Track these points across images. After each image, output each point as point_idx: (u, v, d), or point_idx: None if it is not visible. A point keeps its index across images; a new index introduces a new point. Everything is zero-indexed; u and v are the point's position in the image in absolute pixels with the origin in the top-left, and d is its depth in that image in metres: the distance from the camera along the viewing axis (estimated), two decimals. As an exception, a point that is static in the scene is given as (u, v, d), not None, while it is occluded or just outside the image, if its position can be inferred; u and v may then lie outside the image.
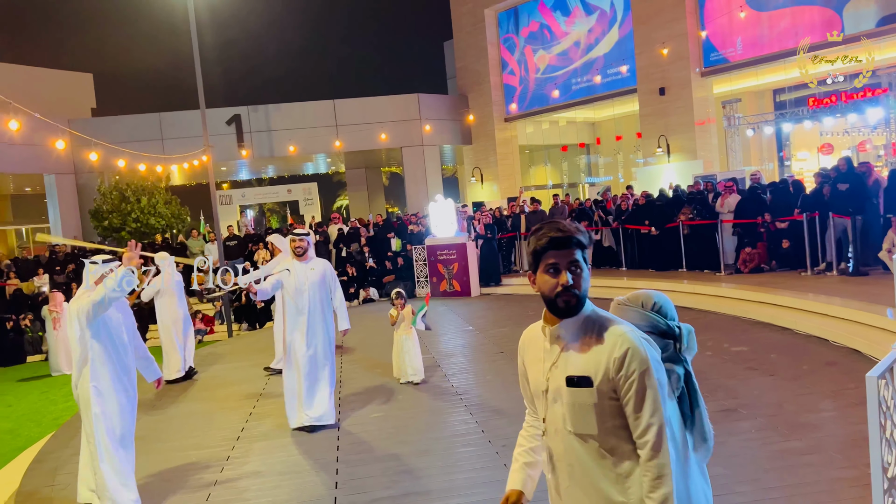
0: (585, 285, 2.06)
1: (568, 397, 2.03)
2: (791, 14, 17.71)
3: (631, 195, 15.33)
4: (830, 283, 10.06)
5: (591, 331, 2.05)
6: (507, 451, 5.34)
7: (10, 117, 14.19)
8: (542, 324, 2.14)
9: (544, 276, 2.05)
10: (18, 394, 9.88)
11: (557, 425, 2.08)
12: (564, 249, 2.03)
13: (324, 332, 6.34)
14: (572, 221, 2.12)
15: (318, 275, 6.34)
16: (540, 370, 2.14)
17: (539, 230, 2.09)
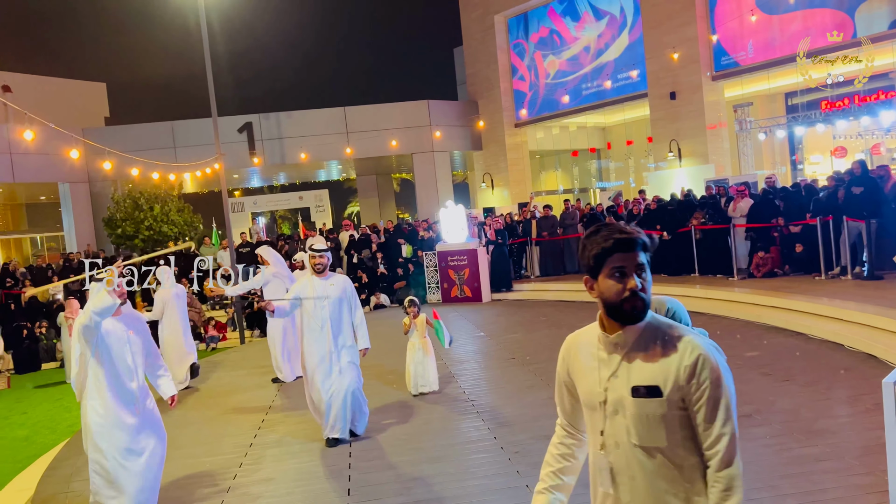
0: (650, 289, 1.96)
1: (633, 408, 1.92)
2: (802, 17, 17.62)
3: (643, 200, 15.27)
4: (845, 288, 9.97)
5: (655, 338, 1.95)
6: (520, 457, 5.33)
7: (25, 127, 14.35)
8: (598, 331, 2.04)
9: (608, 281, 1.95)
10: (33, 401, 9.95)
11: (619, 438, 1.97)
12: (631, 252, 1.94)
13: (345, 351, 6.07)
14: (629, 224, 2.04)
15: (337, 290, 6.07)
16: (594, 380, 2.02)
17: (597, 233, 1.99)
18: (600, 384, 2.00)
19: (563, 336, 7.53)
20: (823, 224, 10.90)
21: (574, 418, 2.21)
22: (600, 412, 2.00)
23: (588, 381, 2.05)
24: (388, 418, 6.77)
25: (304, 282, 6.16)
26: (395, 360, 9.50)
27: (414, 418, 6.73)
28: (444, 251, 14.89)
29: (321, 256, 6.08)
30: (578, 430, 2.22)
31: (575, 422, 2.22)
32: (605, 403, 1.98)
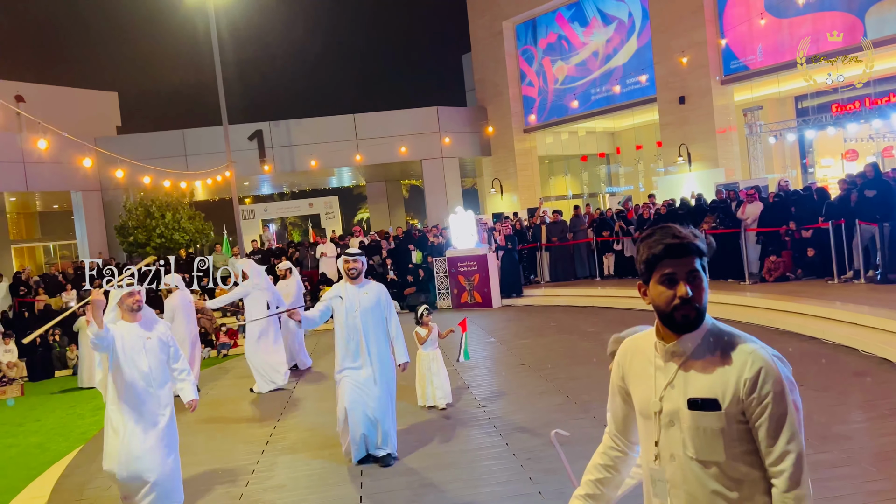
0: (705, 297, 1.87)
1: (690, 421, 1.83)
2: (812, 20, 17.55)
3: (653, 204, 15.23)
4: (858, 292, 9.90)
5: (714, 347, 1.86)
6: (532, 464, 5.32)
7: (39, 137, 14.48)
8: (655, 338, 1.94)
9: (659, 288, 1.87)
10: (47, 408, 10.02)
11: (675, 450, 1.88)
12: (682, 258, 1.84)
13: (379, 363, 5.66)
14: (687, 226, 1.91)
15: (371, 299, 5.68)
16: (650, 389, 1.93)
17: (651, 236, 1.90)
18: (656, 393, 1.91)
19: (573, 341, 7.56)
20: (836, 227, 10.83)
21: (625, 428, 2.12)
22: (655, 422, 1.92)
23: (643, 389, 1.96)
24: (399, 424, 6.76)
25: (337, 289, 5.79)
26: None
27: (425, 425, 6.72)
28: (454, 257, 14.90)
29: (355, 261, 5.71)
30: (628, 440, 2.14)
31: (625, 432, 2.13)
32: (661, 414, 1.90)
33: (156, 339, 4.94)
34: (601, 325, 11.05)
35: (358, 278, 5.73)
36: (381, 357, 5.69)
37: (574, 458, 5.29)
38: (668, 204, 14.67)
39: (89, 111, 25.11)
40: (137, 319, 4.93)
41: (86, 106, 25.28)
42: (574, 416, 6.46)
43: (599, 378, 7.69)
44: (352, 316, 5.63)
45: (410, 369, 7.08)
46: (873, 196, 10.45)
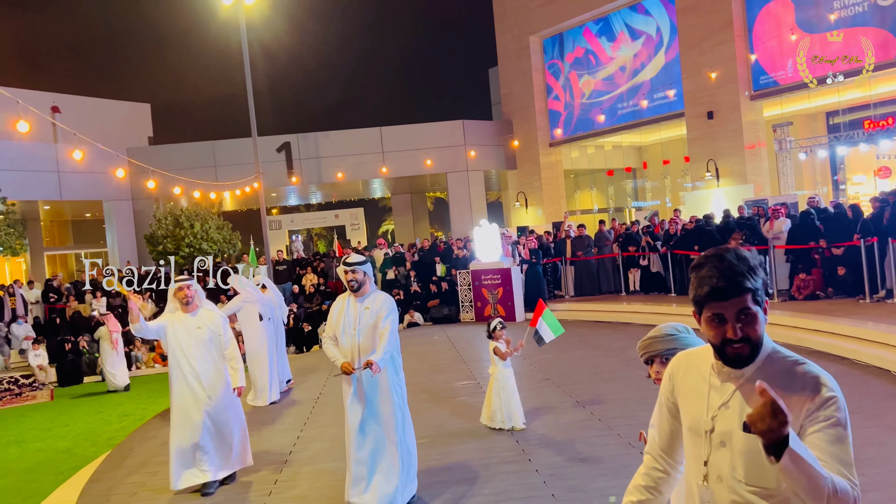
0: (760, 330, 1.79)
1: (743, 444, 1.79)
2: (844, 35, 17.34)
3: (678, 219, 15.10)
4: (891, 311, 9.69)
5: (776, 372, 1.80)
6: (555, 480, 5.27)
7: (73, 147, 14.82)
8: (713, 357, 1.88)
9: (708, 325, 1.83)
10: (75, 414, 10.18)
11: (723, 472, 1.84)
12: (730, 300, 1.77)
13: (378, 389, 4.93)
14: (743, 253, 1.81)
15: (372, 315, 4.93)
16: (702, 406, 1.89)
17: (700, 268, 1.83)
18: (708, 412, 1.87)
19: (597, 357, 7.51)
20: (868, 246, 10.64)
21: (670, 445, 2.06)
22: (706, 441, 1.87)
23: (695, 405, 1.91)
24: (420, 438, 6.75)
25: (339, 303, 5.11)
26: (427, 377, 9.51)
27: (448, 438, 6.70)
28: (478, 270, 14.89)
29: (354, 272, 4.98)
30: (673, 459, 2.07)
31: (670, 450, 2.07)
32: (712, 433, 1.85)
33: (206, 329, 5.64)
34: (626, 341, 10.94)
35: (359, 291, 5.00)
36: (384, 383, 4.91)
37: (595, 476, 5.26)
38: (696, 220, 14.53)
39: (122, 122, 25.66)
40: (191, 311, 5.69)
41: (119, 117, 25.84)
42: (598, 432, 6.40)
43: (624, 395, 7.61)
44: (349, 334, 4.95)
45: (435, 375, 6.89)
46: (907, 214, 10.26)
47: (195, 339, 5.60)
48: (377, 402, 4.91)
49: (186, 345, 5.58)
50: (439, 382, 9.20)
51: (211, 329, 5.66)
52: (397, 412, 4.92)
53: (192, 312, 5.69)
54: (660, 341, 2.49)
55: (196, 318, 5.67)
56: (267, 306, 9.47)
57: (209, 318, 5.72)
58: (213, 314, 5.77)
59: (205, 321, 5.67)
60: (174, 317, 5.69)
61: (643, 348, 2.54)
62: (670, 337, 2.48)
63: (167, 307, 5.95)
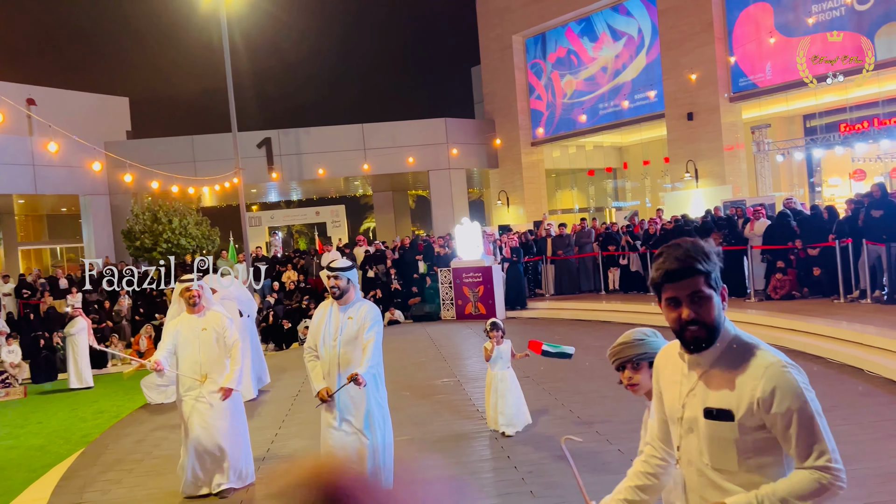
0: (715, 313, 1.87)
1: (705, 430, 1.88)
2: (821, 39, 17.58)
3: (659, 219, 15.22)
4: (865, 311, 9.84)
5: (734, 359, 1.88)
6: (534, 477, 5.29)
7: (49, 140, 14.59)
8: (679, 349, 1.98)
9: (665, 310, 1.92)
10: (49, 411, 10.03)
11: (692, 456, 1.93)
12: (683, 280, 1.86)
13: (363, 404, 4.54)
14: (699, 242, 1.91)
15: (354, 326, 4.58)
16: (676, 395, 1.98)
17: (658, 257, 1.93)
18: (680, 399, 1.97)
19: (577, 355, 7.46)
20: (843, 247, 10.80)
21: (665, 435, 2.13)
22: (677, 427, 1.98)
23: (671, 394, 2.02)
24: (400, 435, 6.73)
25: (321, 310, 4.78)
26: (410, 374, 9.50)
27: (427, 436, 6.70)
28: (459, 268, 14.90)
29: (336, 278, 4.61)
30: (669, 448, 2.14)
31: (666, 439, 2.14)
32: (682, 420, 1.96)
33: (211, 331, 5.40)
34: (606, 340, 10.95)
35: (342, 298, 4.64)
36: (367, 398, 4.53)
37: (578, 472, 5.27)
38: (676, 220, 14.66)
39: (100, 116, 25.32)
40: (197, 311, 5.48)
41: (96, 110, 25.49)
42: (577, 430, 6.42)
43: (603, 393, 7.66)
44: (329, 344, 4.60)
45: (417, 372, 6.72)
46: (880, 216, 10.42)
47: (201, 342, 5.37)
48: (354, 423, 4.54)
49: (191, 348, 5.36)
50: (420, 380, 9.19)
51: (217, 331, 5.41)
52: (380, 435, 4.57)
53: (198, 314, 5.47)
54: (629, 347, 2.54)
55: (202, 320, 5.44)
56: (246, 303, 9.40)
57: (215, 319, 5.47)
58: (219, 315, 5.52)
59: (211, 323, 5.43)
60: (179, 320, 5.48)
61: (614, 355, 2.58)
62: (639, 342, 2.53)
63: (171, 310, 5.77)
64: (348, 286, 4.66)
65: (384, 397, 4.70)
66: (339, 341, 4.56)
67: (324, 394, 4.47)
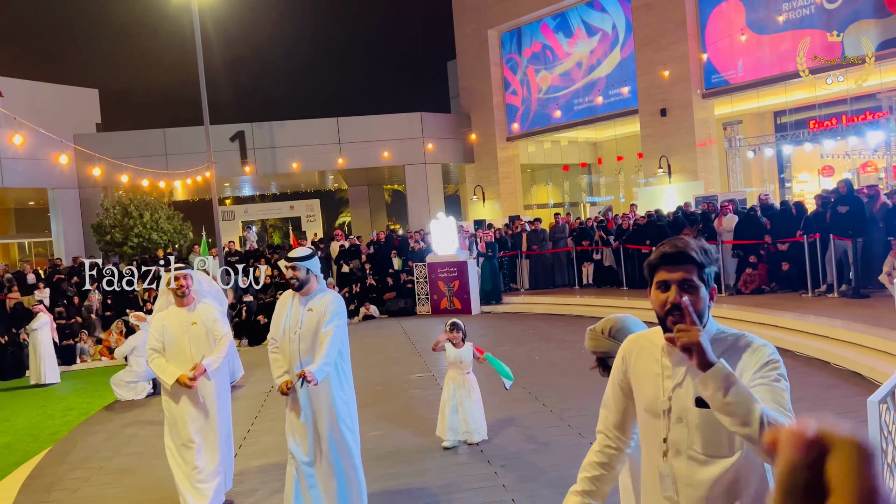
0: (702, 304, 1.92)
1: (698, 419, 1.92)
2: (791, 37, 17.85)
3: (633, 214, 15.37)
4: (831, 305, 10.05)
5: (720, 348, 1.93)
6: (506, 471, 5.32)
7: (14, 132, 14.27)
8: (663, 340, 1.99)
9: (654, 293, 1.98)
10: (16, 408, 9.84)
11: (681, 446, 1.96)
12: (676, 265, 1.93)
13: (327, 403, 4.35)
14: (702, 242, 2.00)
15: (315, 318, 4.37)
16: (657, 388, 2.01)
17: (659, 246, 2.01)
18: (664, 392, 1.99)
19: (551, 349, 7.56)
20: (811, 242, 11.00)
21: (623, 423, 2.17)
22: (664, 420, 1.99)
23: (649, 387, 2.03)
24: (373, 430, 6.74)
25: (282, 302, 4.60)
26: (383, 371, 9.49)
27: (399, 431, 6.70)
28: (435, 263, 14.90)
29: (295, 268, 4.41)
30: (624, 436, 2.18)
31: (622, 427, 2.18)
32: (670, 412, 1.97)
33: (201, 325, 4.97)
34: (579, 334, 11.03)
35: (302, 289, 4.45)
36: (331, 396, 4.35)
37: (546, 466, 5.32)
38: (649, 215, 14.81)
39: (68, 108, 24.80)
40: (186, 304, 5.02)
41: (65, 102, 24.96)
42: (550, 423, 6.47)
43: (577, 387, 7.73)
44: (290, 338, 4.41)
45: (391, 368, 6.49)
46: (846, 212, 10.63)
47: (190, 337, 4.91)
48: (320, 423, 4.36)
49: (179, 342, 4.89)
50: (394, 375, 9.19)
51: (206, 325, 4.98)
52: (345, 433, 4.38)
53: (188, 306, 5.01)
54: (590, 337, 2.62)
55: (192, 314, 4.99)
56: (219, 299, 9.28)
57: (206, 312, 5.03)
58: (209, 308, 5.08)
59: (200, 317, 4.99)
60: (165, 314, 5.03)
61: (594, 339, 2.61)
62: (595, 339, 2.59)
63: (157, 304, 5.34)
64: (308, 276, 4.42)
65: (350, 393, 4.49)
66: (299, 335, 4.37)
67: (284, 387, 4.32)
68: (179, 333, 4.91)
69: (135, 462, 6.49)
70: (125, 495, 5.61)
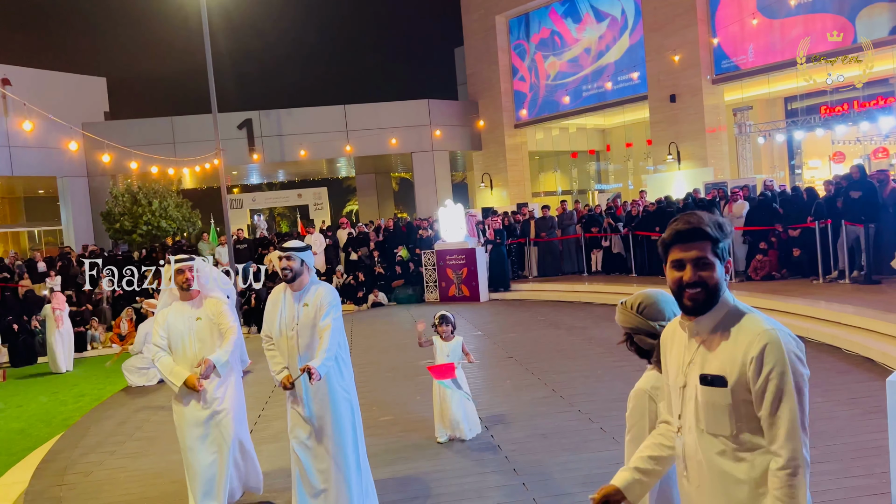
0: (718, 279, 1.92)
1: (702, 396, 1.94)
2: (803, 22, 17.65)
3: (642, 201, 15.29)
4: (843, 291, 9.98)
5: (730, 326, 1.93)
6: (517, 455, 5.32)
7: (24, 119, 14.31)
8: (680, 318, 2.04)
9: (670, 271, 1.98)
10: (29, 394, 9.92)
11: (690, 423, 1.99)
12: (690, 243, 1.93)
13: (328, 394, 4.27)
14: (715, 216, 1.98)
15: (311, 312, 4.26)
16: (678, 364, 2.04)
17: (673, 222, 2.00)
18: (682, 369, 2.02)
19: (560, 336, 7.56)
20: (822, 228, 10.91)
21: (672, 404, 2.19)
22: (679, 396, 2.03)
23: (674, 364, 2.07)
24: (385, 415, 6.76)
25: (274, 297, 4.44)
26: (393, 356, 9.52)
27: (410, 416, 6.72)
28: (443, 250, 14.88)
29: (289, 258, 4.26)
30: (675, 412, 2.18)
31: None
32: (685, 388, 2.00)
33: (206, 319, 4.62)
34: (588, 321, 11.08)
35: (295, 282, 4.30)
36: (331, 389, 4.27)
37: (556, 451, 5.32)
38: (658, 202, 14.73)
39: (77, 96, 24.80)
40: (191, 298, 4.67)
41: (73, 91, 24.96)
42: (560, 408, 6.47)
43: (585, 372, 7.72)
44: (287, 335, 4.30)
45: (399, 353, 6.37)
46: (858, 197, 10.53)
47: (195, 333, 4.59)
48: (322, 414, 4.28)
49: (185, 339, 4.57)
50: (403, 361, 9.20)
51: (212, 320, 4.63)
52: (345, 425, 4.30)
53: (193, 301, 4.66)
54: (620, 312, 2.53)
55: (197, 310, 4.64)
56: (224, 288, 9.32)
57: (212, 306, 4.68)
58: (217, 302, 4.73)
59: (207, 311, 4.65)
60: (169, 310, 4.68)
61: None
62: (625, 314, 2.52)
63: (161, 300, 5.10)
64: (301, 268, 4.28)
65: (350, 383, 4.41)
66: (296, 332, 4.27)
67: (287, 382, 4.23)
68: (183, 330, 4.59)
69: (147, 446, 6.53)
70: (138, 478, 5.65)
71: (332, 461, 4.27)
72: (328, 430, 4.28)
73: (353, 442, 4.33)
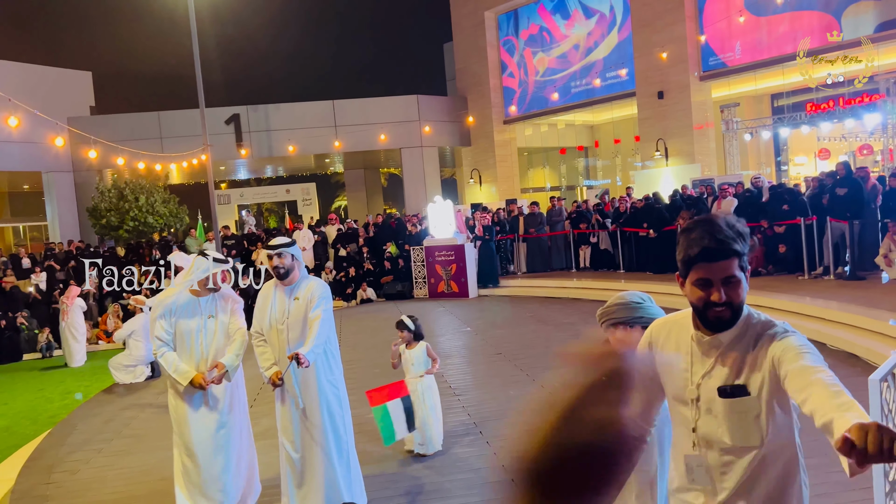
0: (743, 295, 1.84)
1: (724, 408, 1.87)
2: (790, 19, 17.76)
3: (629, 198, 15.36)
4: (828, 288, 10.08)
5: (748, 336, 1.87)
6: (506, 452, 5.35)
7: (8, 114, 14.16)
8: (692, 328, 1.93)
9: (693, 288, 1.84)
10: (14, 391, 9.84)
11: (711, 437, 1.91)
12: (718, 262, 1.79)
13: (316, 389, 4.28)
14: (732, 220, 1.84)
15: (302, 307, 4.28)
16: (685, 376, 1.95)
17: (691, 231, 1.84)
18: (692, 381, 1.92)
19: (548, 332, 7.59)
20: (807, 224, 11.01)
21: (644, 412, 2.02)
22: (693, 409, 1.94)
23: (678, 375, 1.96)
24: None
25: (265, 293, 4.44)
26: (381, 352, 9.51)
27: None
28: (432, 246, 14.89)
29: (280, 255, 4.27)
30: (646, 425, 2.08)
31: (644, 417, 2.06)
32: (698, 401, 1.92)
33: (219, 319, 4.47)
34: (576, 317, 11.14)
35: (287, 278, 4.31)
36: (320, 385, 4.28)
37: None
38: (646, 198, 14.80)
39: (62, 90, 24.57)
40: (204, 294, 4.46)
41: (58, 85, 24.73)
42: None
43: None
44: (278, 330, 4.29)
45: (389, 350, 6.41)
46: (844, 194, 10.63)
47: (205, 331, 4.44)
48: (310, 410, 4.28)
49: (195, 339, 4.42)
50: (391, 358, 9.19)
51: (223, 320, 4.49)
52: (335, 420, 4.31)
53: (205, 297, 4.46)
54: (626, 308, 2.50)
55: (209, 305, 4.46)
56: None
57: (223, 304, 4.54)
58: (227, 298, 4.58)
59: (218, 309, 4.49)
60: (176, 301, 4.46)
61: (608, 314, 2.54)
62: (636, 305, 2.50)
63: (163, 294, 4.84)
64: (293, 263, 4.31)
65: (339, 378, 4.42)
66: (287, 326, 4.26)
67: (276, 378, 4.22)
68: (196, 329, 4.40)
69: (134, 444, 6.51)
70: (125, 476, 5.63)
71: (321, 456, 4.28)
72: (317, 426, 4.28)
73: (342, 437, 4.35)
